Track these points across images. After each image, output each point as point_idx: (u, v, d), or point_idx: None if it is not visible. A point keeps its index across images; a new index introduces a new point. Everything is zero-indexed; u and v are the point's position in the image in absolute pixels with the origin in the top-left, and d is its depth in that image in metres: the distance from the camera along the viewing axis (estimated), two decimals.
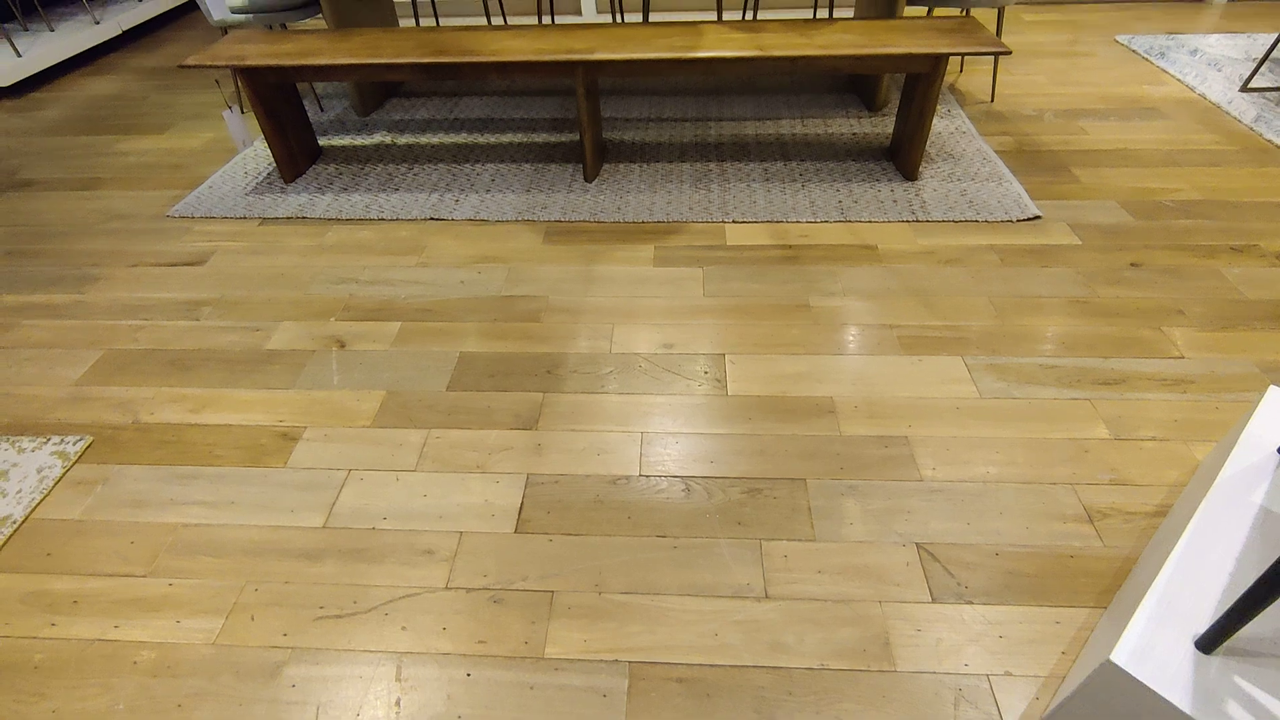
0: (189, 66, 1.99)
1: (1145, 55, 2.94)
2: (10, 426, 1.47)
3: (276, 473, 1.34)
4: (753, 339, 1.60)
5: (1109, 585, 1.09)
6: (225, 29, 2.48)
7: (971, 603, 1.08)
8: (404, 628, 1.08)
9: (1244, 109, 2.47)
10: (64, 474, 1.35)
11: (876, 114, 2.54)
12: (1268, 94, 2.56)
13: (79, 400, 1.52)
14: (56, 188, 2.37)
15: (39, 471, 1.35)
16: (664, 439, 1.37)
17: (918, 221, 1.97)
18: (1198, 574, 0.85)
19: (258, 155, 2.46)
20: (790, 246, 1.90)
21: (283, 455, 1.37)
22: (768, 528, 1.20)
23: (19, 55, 3.11)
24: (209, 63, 2.01)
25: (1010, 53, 1.84)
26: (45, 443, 1.41)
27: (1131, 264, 1.78)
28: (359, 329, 1.68)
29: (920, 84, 1.99)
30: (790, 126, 2.48)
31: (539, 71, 1.97)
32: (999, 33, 2.48)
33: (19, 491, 1.31)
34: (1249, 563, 0.86)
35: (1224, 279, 1.71)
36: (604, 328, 1.65)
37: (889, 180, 2.15)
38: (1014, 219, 1.95)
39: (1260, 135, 2.32)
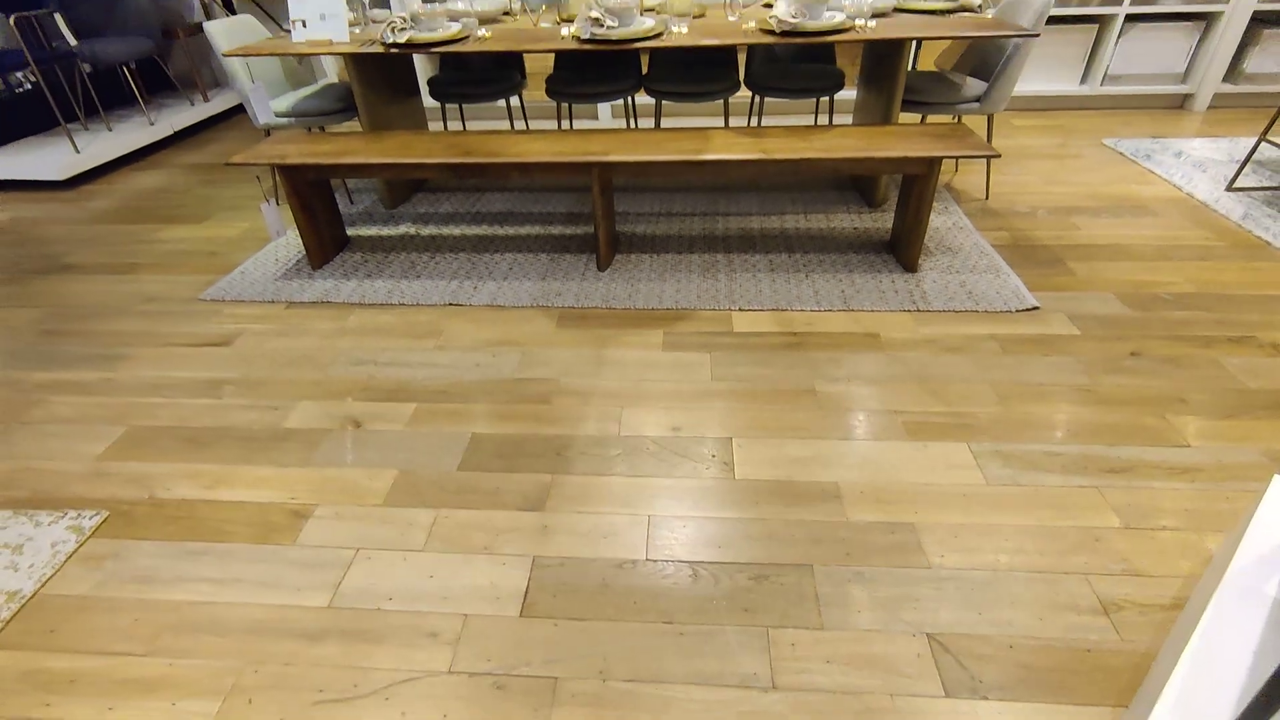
0: (235, 164, 2.15)
1: (1132, 157, 3.10)
2: (30, 500, 1.50)
3: (285, 550, 1.34)
4: (759, 423, 1.62)
5: (1128, 682, 1.06)
6: (268, 130, 2.69)
7: (986, 698, 1.04)
8: (404, 713, 1.05)
9: (1231, 207, 2.57)
10: (77, 549, 1.37)
11: (877, 210, 2.67)
12: (1253, 193, 2.67)
13: (98, 475, 1.56)
14: (97, 272, 2.51)
15: (53, 546, 1.37)
16: (671, 522, 1.37)
17: (919, 311, 2.03)
18: (1213, 672, 0.83)
19: (289, 244, 2.61)
20: (795, 334, 1.95)
21: (293, 532, 1.38)
22: (775, 615, 1.18)
23: (77, 152, 3.36)
24: (253, 161, 2.17)
25: (999, 155, 1.96)
26: (62, 517, 1.44)
27: (1131, 353, 1.81)
28: (375, 409, 1.73)
29: (917, 183, 2.11)
30: (794, 221, 2.61)
31: (557, 171, 2.11)
32: (990, 137, 2.64)
33: (31, 566, 1.33)
34: (1266, 658, 0.84)
35: (1224, 369, 1.74)
36: (613, 410, 1.69)
37: (890, 271, 2.23)
38: (1013, 309, 2.01)
39: (1249, 232, 2.41)
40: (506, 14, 2.76)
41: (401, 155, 2.16)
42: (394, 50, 2.24)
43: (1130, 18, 3.58)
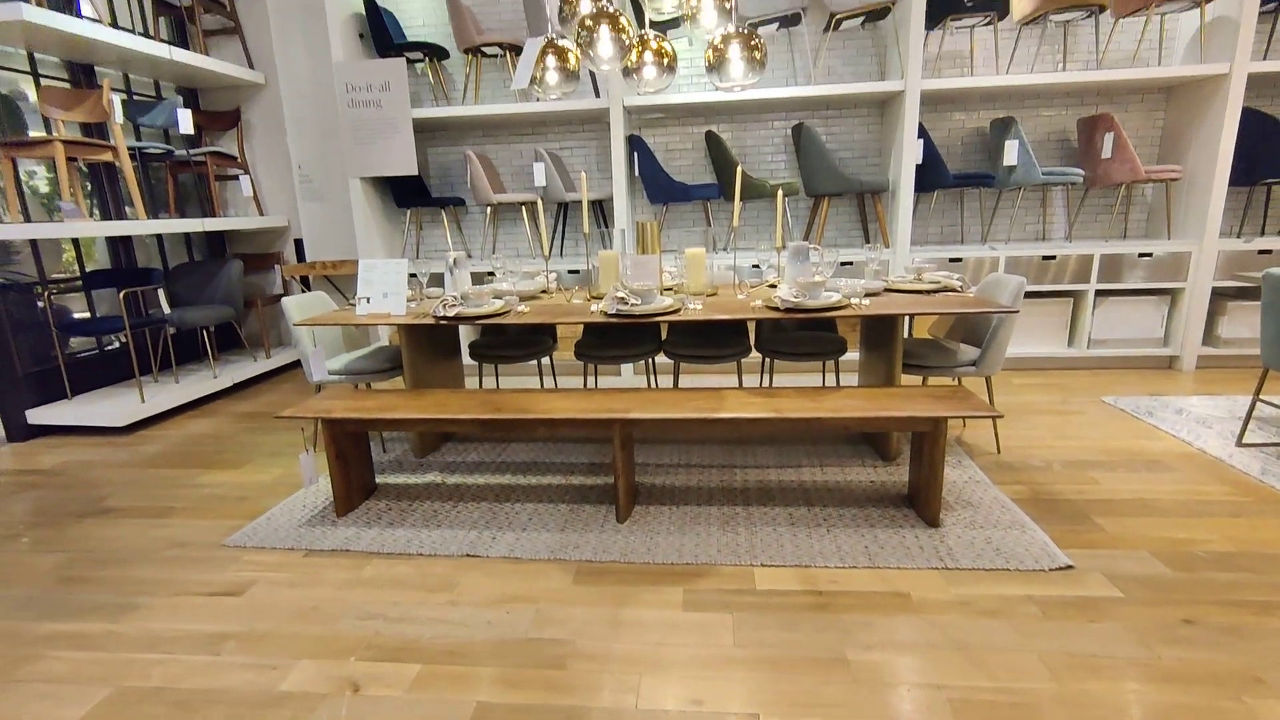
0: (285, 417, 2.33)
1: (1135, 414, 3.22)
2: None
3: None
4: (789, 697, 1.49)
5: None
6: (319, 386, 2.94)
7: None
8: None
9: (1247, 462, 2.59)
10: None
11: (891, 463, 2.73)
12: (1265, 449, 2.71)
13: None
14: (132, 515, 2.57)
15: None
16: None
17: (947, 569, 1.96)
18: None
19: (319, 490, 2.69)
20: (821, 593, 1.88)
21: None
22: None
23: (142, 401, 3.66)
24: (301, 415, 2.35)
25: (1002, 416, 2.06)
26: None
27: (1184, 620, 1.70)
28: (377, 670, 1.63)
29: (926, 440, 2.19)
30: (811, 474, 2.66)
31: (581, 426, 2.24)
32: (990, 396, 2.79)
33: None
34: None
35: None
36: (631, 679, 1.57)
37: (911, 526, 2.21)
38: (1045, 568, 1.94)
39: (1273, 488, 2.39)
40: (544, 292, 3.18)
41: (436, 411, 2.33)
42: (443, 322, 2.55)
43: (1100, 292, 3.98)
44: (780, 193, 2.91)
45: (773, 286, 3.03)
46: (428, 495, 2.60)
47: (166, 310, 3.83)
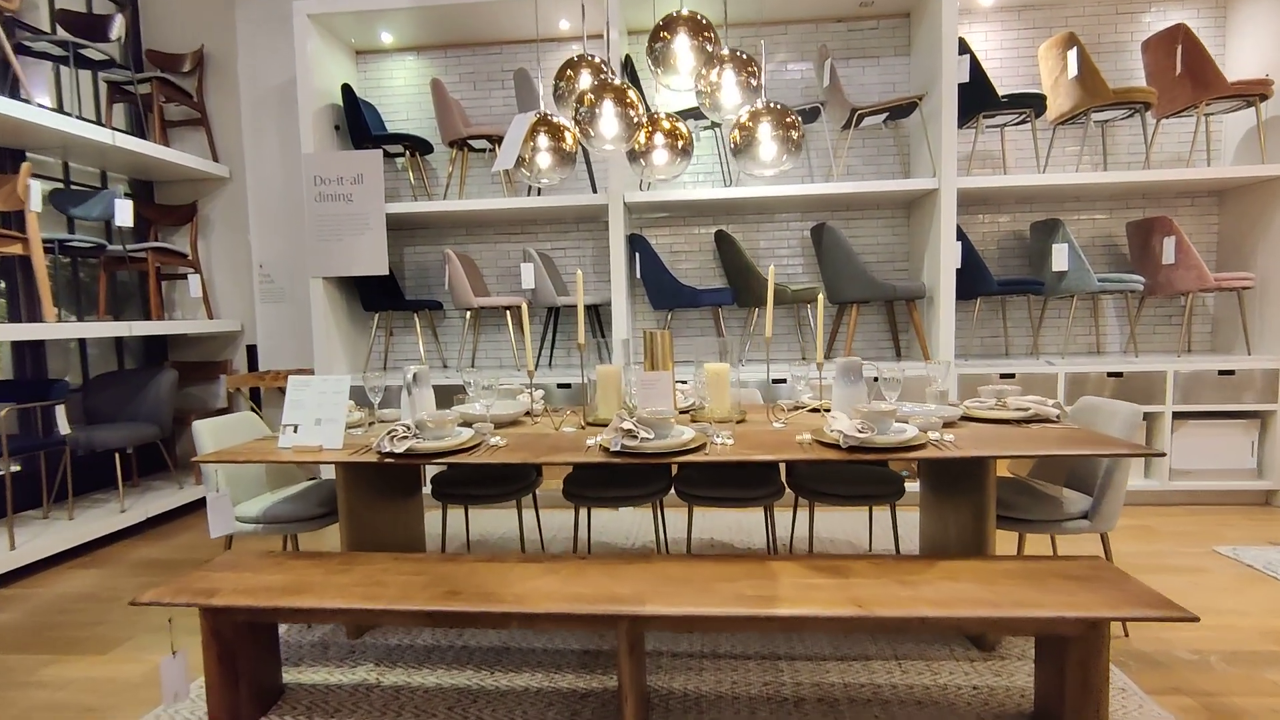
0: (141, 604, 1.61)
1: (1268, 571, 2.55)
2: None
3: None
4: None
5: None
6: (230, 542, 2.23)
7: None
8: None
9: None
10: None
11: (992, 655, 2.01)
12: None
13: None
14: None
15: None
16: None
17: None
18: None
19: (195, 707, 1.91)
20: None
21: None
22: None
23: (11, 548, 2.89)
24: (169, 600, 1.64)
25: (1198, 619, 1.39)
26: None
27: None
28: None
29: (1073, 649, 1.51)
30: (886, 673, 1.93)
31: (572, 623, 1.54)
32: (1108, 553, 2.13)
33: None
34: None
35: None
36: None
37: None
38: None
39: None
40: (528, 414, 2.55)
41: (366, 596, 1.63)
42: (389, 461, 1.90)
43: (1177, 415, 3.42)
44: (821, 297, 2.37)
45: (815, 411, 2.43)
46: (355, 704, 1.84)
47: (64, 429, 3.14)
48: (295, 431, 2.09)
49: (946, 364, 2.34)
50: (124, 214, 3.52)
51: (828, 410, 2.40)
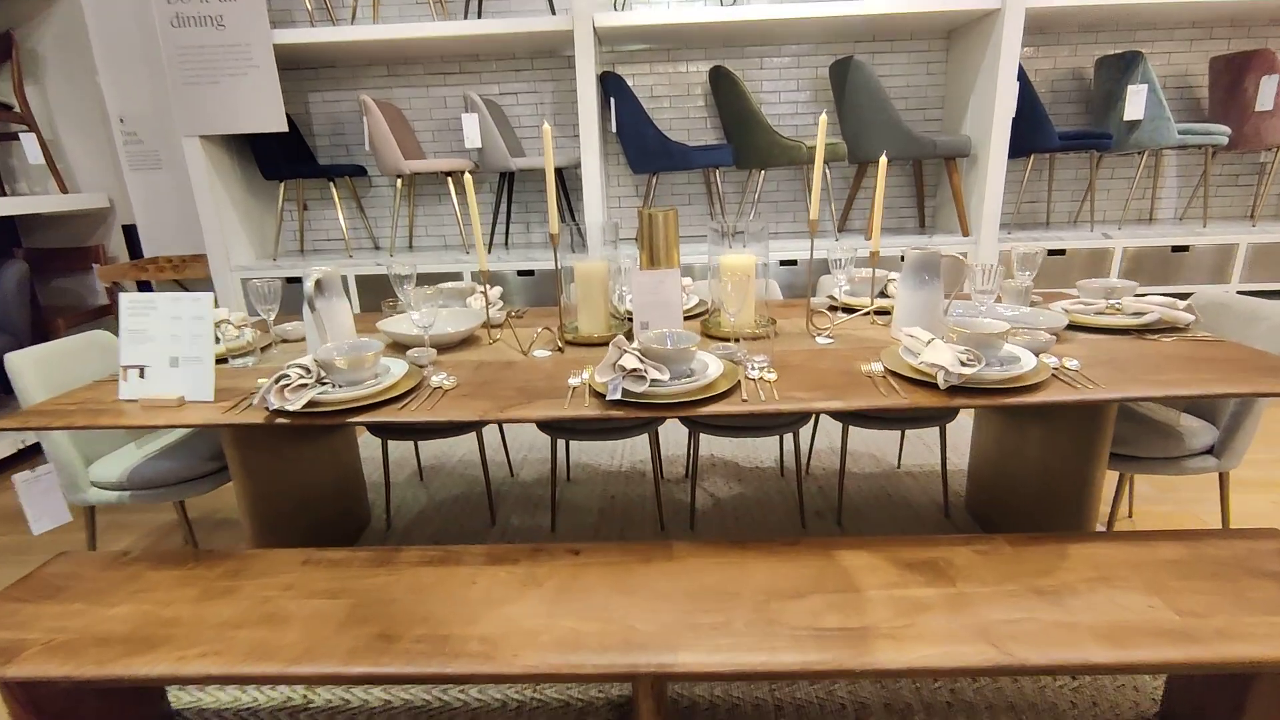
0: None
1: None
2: None
3: None
4: None
5: None
6: (91, 510, 1.65)
7: None
8: None
9: None
10: None
11: None
12: None
13: None
14: None
15: None
16: None
17: None
18: None
19: None
20: None
21: None
22: None
23: None
24: None
25: None
26: None
27: None
28: None
29: (1262, 681, 1.08)
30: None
31: (570, 681, 1.04)
32: (1225, 503, 1.72)
33: None
34: None
35: None
36: None
37: None
38: None
39: None
40: (484, 326, 1.91)
41: (254, 647, 1.08)
42: (281, 422, 1.28)
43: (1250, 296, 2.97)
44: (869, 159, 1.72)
45: (880, 313, 1.85)
46: None
47: None
48: (142, 376, 1.43)
49: (1037, 252, 1.77)
50: None
51: (879, 314, 1.83)
